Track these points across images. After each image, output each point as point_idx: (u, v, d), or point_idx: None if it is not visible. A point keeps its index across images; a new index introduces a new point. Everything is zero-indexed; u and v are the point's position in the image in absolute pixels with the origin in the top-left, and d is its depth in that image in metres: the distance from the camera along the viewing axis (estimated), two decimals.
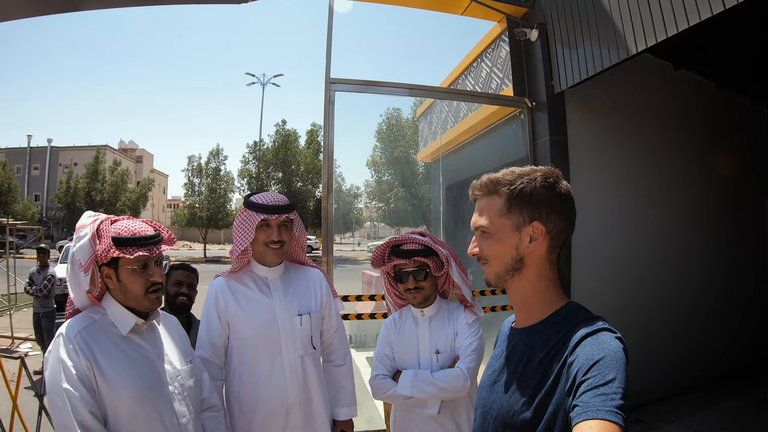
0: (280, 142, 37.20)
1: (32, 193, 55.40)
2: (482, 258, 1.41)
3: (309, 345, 2.60)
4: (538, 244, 1.34)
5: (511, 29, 5.52)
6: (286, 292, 2.64)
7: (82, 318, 1.90)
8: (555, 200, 1.35)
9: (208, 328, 2.58)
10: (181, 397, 2.01)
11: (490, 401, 1.41)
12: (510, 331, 1.50)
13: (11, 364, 7.19)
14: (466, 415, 2.66)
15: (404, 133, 33.99)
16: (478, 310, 2.76)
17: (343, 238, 48.58)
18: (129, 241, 1.88)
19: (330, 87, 4.75)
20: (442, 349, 2.69)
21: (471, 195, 1.45)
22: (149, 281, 1.92)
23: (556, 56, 5.09)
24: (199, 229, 37.94)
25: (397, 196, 32.77)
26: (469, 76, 7.77)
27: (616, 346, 1.17)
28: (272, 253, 2.56)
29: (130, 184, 45.92)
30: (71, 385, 1.73)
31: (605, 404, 1.05)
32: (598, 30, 4.39)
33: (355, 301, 4.92)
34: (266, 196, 2.57)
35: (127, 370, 1.86)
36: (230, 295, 2.59)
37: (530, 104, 5.38)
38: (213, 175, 37.42)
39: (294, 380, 2.53)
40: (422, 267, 2.67)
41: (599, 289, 5.08)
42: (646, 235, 5.62)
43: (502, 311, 5.09)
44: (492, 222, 1.37)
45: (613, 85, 5.36)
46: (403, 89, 5.19)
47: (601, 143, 5.41)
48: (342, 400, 2.77)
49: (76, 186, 42.76)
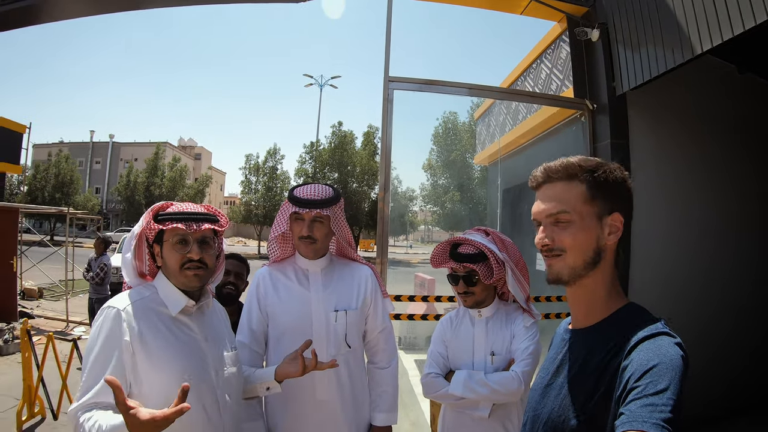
0: (336, 143, 37.62)
1: (93, 185, 58.32)
2: (555, 249, 1.30)
3: (343, 342, 2.50)
4: (616, 236, 1.27)
5: (571, 29, 5.40)
6: (325, 285, 2.56)
7: (132, 293, 1.89)
8: (628, 194, 1.30)
9: (248, 314, 2.57)
10: (225, 384, 1.97)
11: (542, 405, 1.34)
12: (566, 333, 1.42)
13: (64, 346, 7.58)
14: (518, 420, 2.57)
15: (460, 136, 33.86)
16: (535, 315, 2.67)
17: (396, 241, 48.65)
18: (168, 216, 1.87)
19: (389, 85, 4.71)
20: (497, 351, 2.61)
21: (540, 178, 1.35)
22: (185, 257, 1.87)
23: (618, 57, 4.94)
24: (254, 226, 38.80)
25: (452, 200, 32.65)
26: (528, 78, 7.66)
27: (674, 352, 1.08)
28: (304, 247, 2.50)
29: (188, 180, 47.68)
30: (101, 364, 1.69)
31: (652, 416, 0.97)
32: (661, 29, 4.23)
33: (407, 301, 4.89)
34: (305, 189, 2.51)
35: (173, 350, 1.82)
36: (270, 284, 2.57)
37: (591, 106, 5.23)
38: (270, 174, 38.20)
39: (324, 377, 2.42)
40: (471, 273, 2.60)
41: (663, 296, 4.85)
42: (709, 241, 5.33)
43: (557, 319, 4.85)
44: (575, 208, 1.27)
45: (675, 88, 5.13)
46: (462, 89, 5.11)
47: (662, 147, 5.19)
48: (381, 405, 2.62)
49: (136, 180, 45.02)
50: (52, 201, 39.46)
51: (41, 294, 13.72)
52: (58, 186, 42.49)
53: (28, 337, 5.46)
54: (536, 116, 7.00)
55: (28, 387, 5.37)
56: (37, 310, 11.65)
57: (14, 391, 6.11)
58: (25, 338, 5.44)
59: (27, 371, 5.37)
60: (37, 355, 5.64)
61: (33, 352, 5.51)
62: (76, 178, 44.85)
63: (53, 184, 42.44)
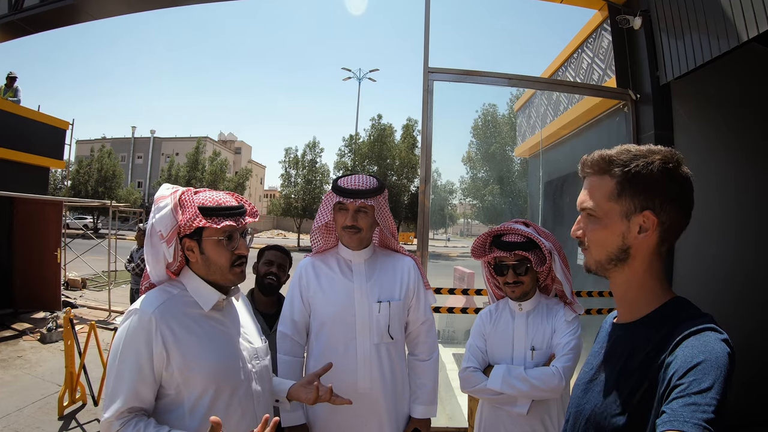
0: (375, 135, 37.69)
1: (135, 179, 59.78)
2: (583, 243, 1.32)
3: (386, 333, 2.49)
4: (648, 235, 1.23)
5: (612, 17, 5.26)
6: (369, 276, 2.55)
7: (159, 293, 1.79)
8: (672, 188, 1.22)
9: (291, 305, 2.59)
10: (258, 377, 1.92)
11: (585, 401, 1.31)
12: (611, 327, 1.39)
13: (106, 335, 7.89)
14: (557, 418, 2.54)
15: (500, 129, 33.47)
16: (578, 308, 2.62)
17: (436, 234, 48.51)
18: (215, 211, 1.76)
19: (428, 76, 4.67)
20: (538, 346, 2.57)
21: (581, 172, 1.34)
22: (235, 254, 1.81)
23: (661, 45, 4.77)
24: (294, 219, 39.13)
25: (492, 193, 32.34)
26: (569, 68, 7.53)
27: (720, 349, 1.04)
28: (348, 237, 2.50)
29: (229, 174, 48.35)
30: (130, 371, 1.64)
31: (694, 416, 0.94)
32: (705, 16, 4.08)
33: (447, 294, 4.87)
34: (349, 179, 2.51)
35: (208, 348, 1.76)
36: (313, 274, 2.57)
37: (634, 96, 5.10)
38: (309, 167, 38.51)
39: (366, 368, 2.45)
40: (523, 261, 2.56)
41: (701, 294, 4.65)
42: (751, 238, 5.07)
43: (598, 315, 4.77)
44: (599, 205, 1.26)
45: (720, 77, 4.93)
46: (502, 79, 5.02)
47: (707, 139, 4.99)
48: (421, 397, 2.62)
49: (177, 174, 46.03)
50: (95, 195, 40.78)
51: (84, 284, 14.15)
52: (101, 180, 43.77)
53: (71, 325, 5.65)
54: (578, 107, 6.88)
55: (70, 374, 5.60)
56: (80, 300, 12.04)
57: (57, 378, 6.43)
58: (68, 327, 5.63)
59: (69, 359, 5.58)
60: (80, 343, 5.86)
61: (75, 340, 5.70)
62: (119, 173, 46.03)
63: (96, 178, 43.77)
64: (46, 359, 7.50)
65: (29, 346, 8.14)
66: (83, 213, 42.75)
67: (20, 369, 6.97)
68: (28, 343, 8.34)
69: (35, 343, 8.36)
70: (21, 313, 9.97)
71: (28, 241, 10.52)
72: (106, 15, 6.55)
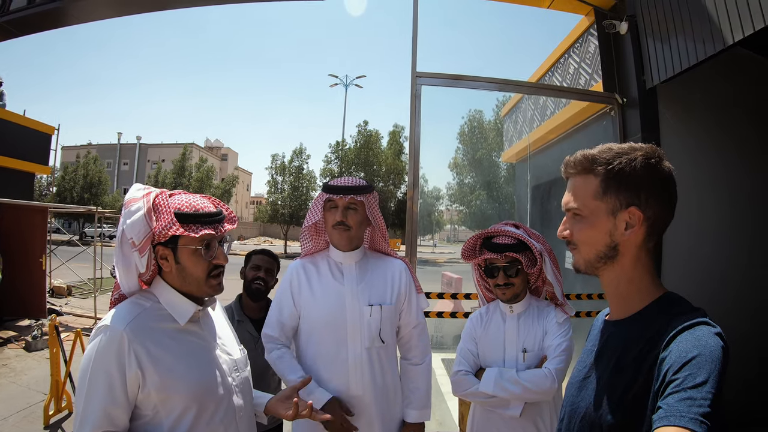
0: (362, 142, 37.77)
1: (121, 186, 59.50)
2: (572, 242, 1.33)
3: (377, 337, 2.45)
4: (635, 231, 1.24)
5: (599, 22, 5.29)
6: (360, 279, 2.52)
7: (130, 306, 1.64)
8: (656, 184, 1.24)
9: (279, 307, 2.54)
10: (239, 389, 1.81)
11: (579, 399, 1.31)
12: (603, 324, 1.39)
13: None
14: (550, 419, 2.53)
15: (486, 135, 33.60)
16: (569, 309, 2.62)
17: (422, 240, 48.64)
18: (193, 218, 1.63)
19: (416, 81, 4.65)
20: (529, 348, 2.57)
21: (564, 173, 1.36)
22: (212, 263, 1.69)
23: (647, 49, 4.82)
24: (281, 225, 39.08)
25: (479, 198, 32.46)
26: (556, 73, 7.57)
27: (714, 343, 1.05)
28: (338, 235, 2.46)
29: (215, 181, 48.21)
30: (101, 393, 1.51)
31: (690, 410, 0.95)
32: (691, 20, 4.12)
33: (436, 298, 4.85)
34: (340, 179, 2.50)
35: (187, 365, 1.64)
36: (304, 277, 2.53)
37: (621, 100, 5.14)
38: (296, 174, 38.62)
39: (357, 372, 2.41)
40: (514, 263, 2.55)
41: (697, 294, 4.67)
42: (745, 238, 5.12)
43: (587, 318, 4.71)
44: (585, 204, 1.28)
45: (706, 82, 4.98)
46: (490, 83, 5.03)
47: (695, 142, 5.03)
48: (414, 402, 2.58)
49: (164, 181, 45.77)
50: (81, 201, 40.41)
51: (70, 292, 14.00)
52: (87, 186, 43.37)
53: (56, 333, 5.58)
54: (565, 111, 6.91)
55: (55, 382, 5.53)
56: (65, 308, 11.93)
57: (42, 386, 6.32)
58: (53, 334, 5.56)
59: (55, 367, 5.51)
60: (65, 351, 5.78)
61: (61, 348, 5.64)
62: (105, 179, 45.75)
63: (82, 184, 43.32)
64: (32, 367, 7.40)
65: (14, 354, 8.02)
66: (69, 219, 42.42)
67: (5, 377, 6.86)
68: (13, 351, 8.22)
69: (20, 351, 8.24)
70: (6, 320, 9.82)
71: (12, 247, 10.36)
72: (93, 18, 6.50)
